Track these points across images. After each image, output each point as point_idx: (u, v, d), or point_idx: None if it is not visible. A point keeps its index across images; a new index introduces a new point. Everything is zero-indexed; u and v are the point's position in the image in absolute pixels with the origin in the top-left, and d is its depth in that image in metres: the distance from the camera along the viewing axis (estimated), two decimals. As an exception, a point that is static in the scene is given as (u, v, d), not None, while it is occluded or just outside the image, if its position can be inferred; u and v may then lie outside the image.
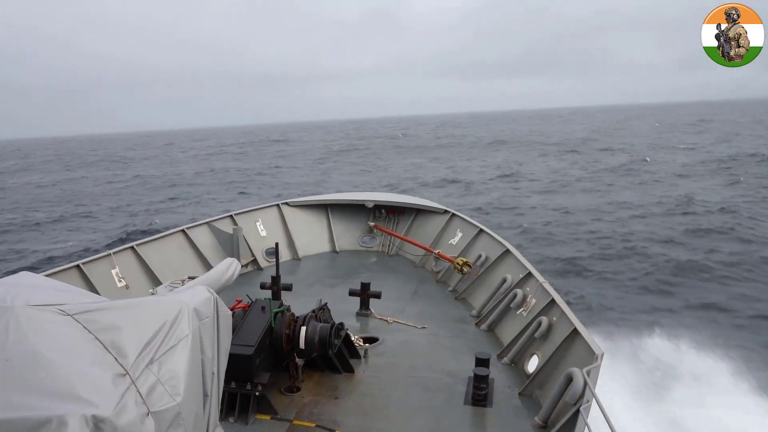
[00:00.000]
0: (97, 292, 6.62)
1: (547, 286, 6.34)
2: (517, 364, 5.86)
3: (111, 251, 7.84)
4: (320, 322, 5.47)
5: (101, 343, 2.60)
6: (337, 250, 10.80)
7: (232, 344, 4.80)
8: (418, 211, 10.94)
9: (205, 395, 3.08)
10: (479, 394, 5.01)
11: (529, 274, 6.94)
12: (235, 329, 5.08)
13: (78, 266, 7.22)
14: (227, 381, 4.79)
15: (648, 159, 43.01)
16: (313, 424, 4.76)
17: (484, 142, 72.39)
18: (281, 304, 5.44)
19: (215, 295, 3.29)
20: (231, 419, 4.77)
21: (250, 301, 5.46)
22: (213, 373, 3.17)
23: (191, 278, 7.33)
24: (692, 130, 78.40)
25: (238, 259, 8.19)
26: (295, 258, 10.34)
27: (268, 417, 4.84)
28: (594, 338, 4.93)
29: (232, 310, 5.36)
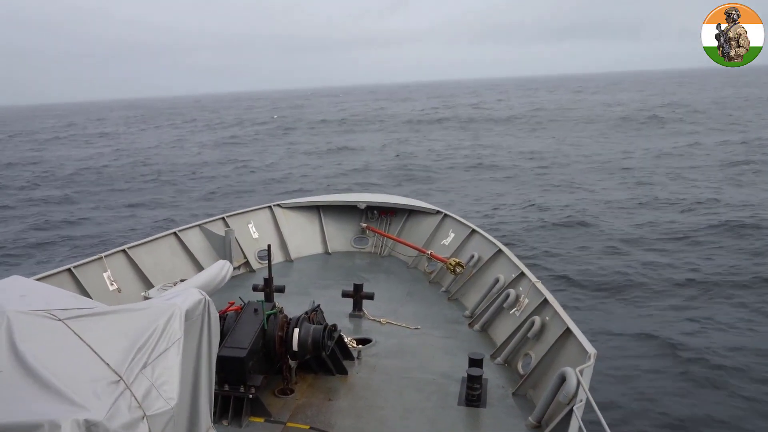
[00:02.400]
0: (88, 296, 6.57)
1: (539, 285, 6.36)
2: (510, 364, 5.87)
3: (102, 254, 7.80)
4: (313, 323, 5.46)
5: (92, 348, 2.59)
6: (330, 251, 10.78)
7: (225, 347, 4.81)
8: (411, 212, 10.94)
9: (197, 398, 3.07)
10: (473, 394, 5.01)
11: (522, 274, 6.95)
12: (228, 332, 5.06)
13: (69, 270, 7.17)
14: (220, 383, 4.78)
15: None
16: (307, 426, 4.76)
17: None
18: (274, 306, 5.43)
19: (207, 297, 3.28)
20: (224, 422, 4.75)
21: (243, 304, 5.45)
22: (204, 375, 3.16)
23: (183, 281, 7.31)
24: None
25: (231, 262, 8.16)
26: (288, 260, 10.32)
27: (261, 419, 4.83)
28: (586, 337, 4.96)
29: (224, 312, 5.35)
